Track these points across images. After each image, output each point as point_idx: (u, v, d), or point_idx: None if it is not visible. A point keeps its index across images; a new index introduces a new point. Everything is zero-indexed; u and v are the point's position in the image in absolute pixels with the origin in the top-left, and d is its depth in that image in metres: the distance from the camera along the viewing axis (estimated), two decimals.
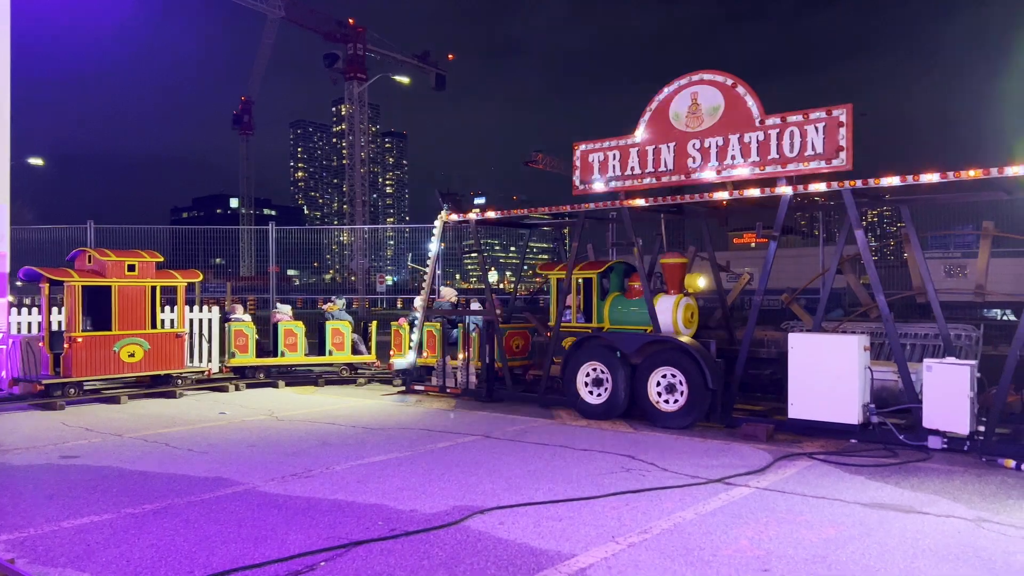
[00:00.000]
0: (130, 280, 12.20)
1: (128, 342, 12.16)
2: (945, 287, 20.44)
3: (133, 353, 12.22)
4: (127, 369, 12.24)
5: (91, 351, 11.83)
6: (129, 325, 12.19)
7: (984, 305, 15.31)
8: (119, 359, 12.12)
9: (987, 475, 7.29)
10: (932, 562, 4.95)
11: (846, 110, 8.99)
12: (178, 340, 12.84)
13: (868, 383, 8.89)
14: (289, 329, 14.38)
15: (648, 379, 10.08)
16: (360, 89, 52.89)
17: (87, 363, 11.82)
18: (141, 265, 12.36)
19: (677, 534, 5.52)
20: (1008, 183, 9.12)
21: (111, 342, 12.03)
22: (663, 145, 10.36)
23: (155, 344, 12.50)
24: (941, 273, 26.06)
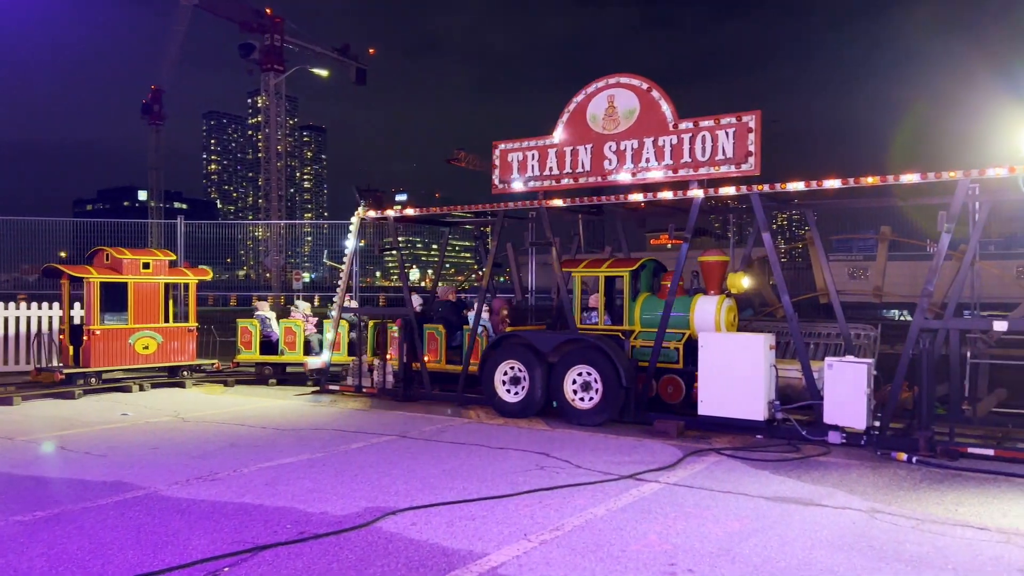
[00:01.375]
0: (145, 277, 13.06)
1: (143, 335, 13.04)
2: (848, 289, 21.39)
3: (147, 346, 13.13)
4: (142, 360, 13.14)
5: (108, 343, 12.74)
6: (144, 319, 13.05)
7: (882, 306, 16.09)
8: (134, 351, 13.02)
9: (881, 468, 7.66)
10: (828, 552, 5.17)
11: (755, 116, 9.29)
12: (190, 334, 13.67)
13: (773, 380, 9.22)
14: (289, 328, 13.94)
15: (564, 377, 10.18)
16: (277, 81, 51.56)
17: (104, 354, 12.69)
18: (155, 263, 13.25)
19: (588, 530, 5.59)
20: (903, 190, 9.61)
21: (127, 335, 12.91)
22: (581, 146, 10.49)
23: (168, 337, 13.38)
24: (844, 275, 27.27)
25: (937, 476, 7.32)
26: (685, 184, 9.89)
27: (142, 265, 13.02)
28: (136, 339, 12.98)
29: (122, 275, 12.87)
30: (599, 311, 10.96)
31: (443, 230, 14.94)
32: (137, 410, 10.99)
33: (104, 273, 12.78)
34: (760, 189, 9.39)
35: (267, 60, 54.09)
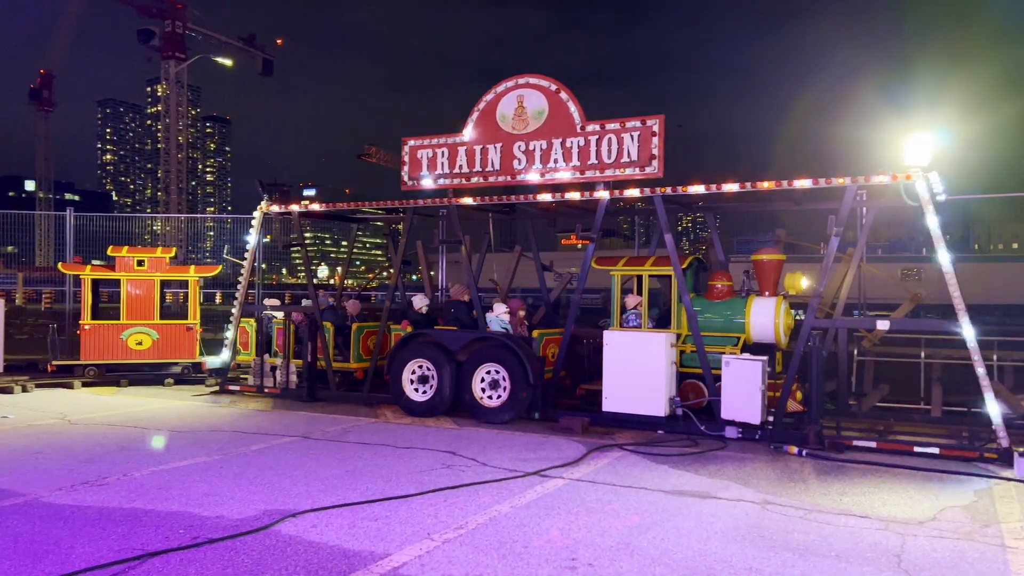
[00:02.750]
0: (138, 274, 13.24)
1: (136, 331, 13.11)
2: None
3: (141, 342, 13.16)
4: (135, 356, 13.18)
5: (97, 338, 13.02)
6: (137, 316, 13.15)
7: None
8: (127, 347, 13.13)
9: (774, 461, 7.99)
10: (722, 543, 5.35)
11: (659, 120, 9.54)
12: (189, 332, 13.46)
13: (674, 377, 9.48)
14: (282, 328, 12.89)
15: (473, 375, 10.18)
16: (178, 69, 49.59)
17: (95, 349, 13.01)
18: (151, 260, 13.37)
19: (492, 528, 5.61)
20: (797, 194, 10.06)
21: (118, 331, 13.09)
22: (490, 145, 10.51)
23: (164, 334, 13.32)
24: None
25: (825, 468, 7.69)
26: (592, 185, 10.05)
27: (136, 262, 13.30)
28: (129, 335, 13.12)
29: (115, 272, 13.29)
30: (643, 314, 10.11)
31: (352, 227, 14.70)
32: (19, 412, 10.35)
33: (97, 270, 13.36)
34: (663, 191, 9.64)
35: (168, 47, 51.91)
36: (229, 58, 47.82)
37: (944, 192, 9.12)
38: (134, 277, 13.28)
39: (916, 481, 7.17)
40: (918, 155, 8.42)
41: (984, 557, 5.11)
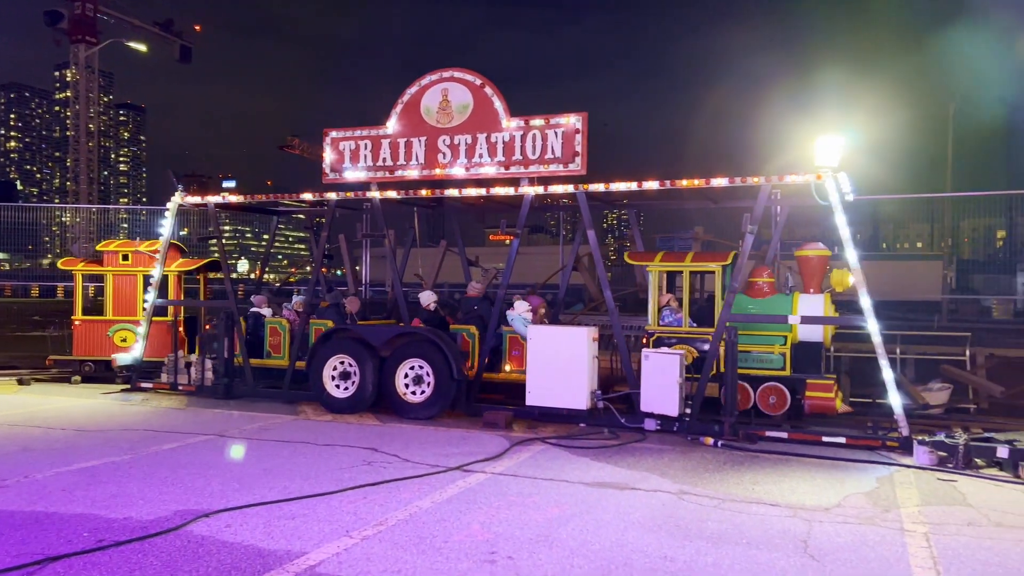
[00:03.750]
0: (123, 269, 12.88)
1: (121, 327, 12.75)
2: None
3: (125, 339, 12.73)
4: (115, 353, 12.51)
5: (88, 334, 12.86)
6: (122, 312, 12.80)
7: None
8: (112, 343, 12.76)
9: (691, 452, 8.20)
10: (639, 533, 5.46)
11: (582, 118, 9.64)
12: (169, 329, 12.81)
13: (596, 371, 9.61)
14: (274, 327, 11.83)
15: (396, 371, 10.09)
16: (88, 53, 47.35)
17: (85, 345, 12.87)
18: (135, 255, 12.86)
19: (412, 524, 5.57)
20: (715, 193, 10.33)
21: (106, 327, 12.78)
22: (415, 139, 10.42)
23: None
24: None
25: (739, 458, 7.93)
26: (517, 181, 10.08)
27: (121, 257, 12.95)
28: (114, 331, 12.83)
29: (102, 267, 13.07)
30: (683, 311, 9.78)
31: (273, 220, 14.36)
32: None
33: (89, 265, 13.21)
34: (585, 188, 9.75)
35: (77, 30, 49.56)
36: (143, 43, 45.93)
37: (853, 192, 9.51)
38: (119, 272, 12.95)
39: (824, 469, 7.47)
40: (828, 156, 8.74)
41: (884, 541, 5.36)
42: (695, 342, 9.59)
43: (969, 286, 29.26)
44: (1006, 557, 5.03)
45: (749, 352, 9.41)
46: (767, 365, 9.41)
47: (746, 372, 9.35)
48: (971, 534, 5.51)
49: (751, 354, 9.43)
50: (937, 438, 7.73)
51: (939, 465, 7.53)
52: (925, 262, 28.30)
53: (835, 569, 4.80)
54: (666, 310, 9.87)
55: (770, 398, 9.36)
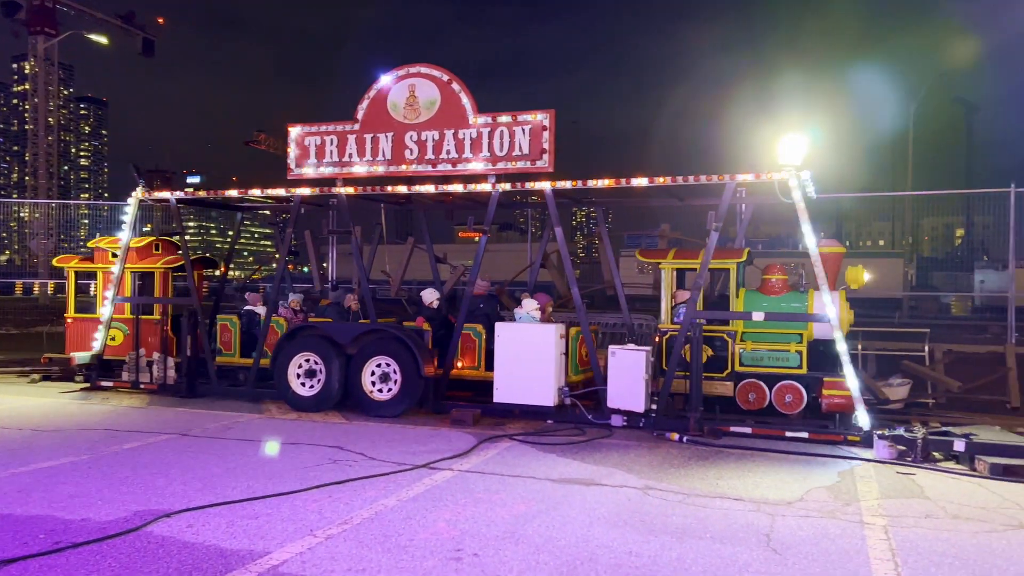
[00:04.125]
0: (113, 265, 12.17)
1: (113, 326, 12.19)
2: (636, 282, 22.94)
3: (114, 337, 12.26)
4: (108, 352, 12.16)
5: (79, 332, 12.38)
6: (115, 310, 12.12)
7: None
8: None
9: (656, 448, 8.26)
10: (605, 528, 5.48)
11: (549, 115, 9.64)
12: (155, 327, 12.35)
13: (563, 367, 9.63)
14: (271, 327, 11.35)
15: (363, 369, 10.02)
16: (48, 45, 46.27)
17: (78, 344, 12.37)
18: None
19: (377, 522, 5.53)
20: (678, 191, 10.40)
21: (96, 325, 12.14)
22: (381, 134, 10.34)
23: (135, 329, 12.28)
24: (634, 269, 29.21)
25: (704, 453, 8.00)
26: (484, 178, 10.05)
27: (111, 254, 12.45)
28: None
29: (93, 264, 12.70)
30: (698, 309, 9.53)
31: (237, 216, 14.18)
32: None
33: (82, 263, 12.86)
34: (553, 185, 9.76)
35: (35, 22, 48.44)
36: (105, 36, 45.01)
37: (815, 190, 9.65)
38: (108, 269, 12.33)
39: (787, 464, 7.57)
40: (791, 155, 8.87)
41: (844, 533, 5.44)
42: (710, 339, 9.43)
43: (929, 283, 29.91)
44: (962, 549, 5.14)
45: (765, 350, 9.37)
46: (783, 363, 9.30)
47: (761, 371, 9.31)
48: (928, 526, 5.62)
49: (767, 352, 9.37)
50: (896, 432, 7.88)
51: (898, 459, 7.67)
52: (887, 259, 28.81)
53: (796, 562, 4.86)
54: (681, 308, 9.75)
55: (786, 397, 9.21)
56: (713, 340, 9.50)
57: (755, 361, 9.36)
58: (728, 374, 9.43)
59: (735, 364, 9.43)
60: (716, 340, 9.50)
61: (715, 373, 9.46)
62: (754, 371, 9.32)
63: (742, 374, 9.42)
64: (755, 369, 9.33)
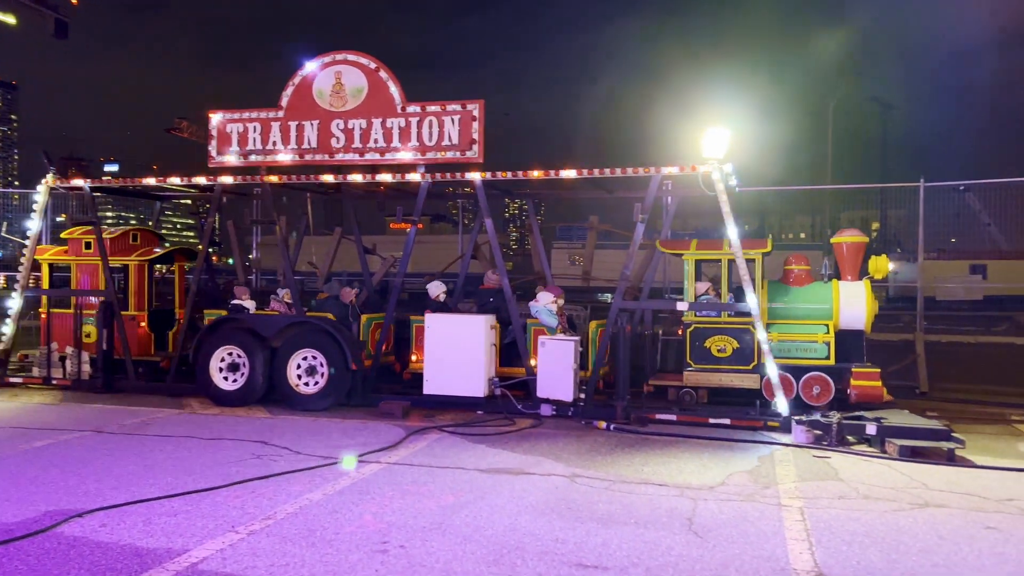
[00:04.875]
0: (87, 258, 11.49)
1: (85, 322, 11.32)
2: (568, 273, 23.13)
3: (89, 334, 11.36)
4: (84, 350, 11.32)
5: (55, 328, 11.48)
6: (91, 304, 11.34)
7: (592, 289, 17.51)
8: (79, 339, 11.26)
9: (584, 436, 8.35)
10: (532, 517, 5.52)
11: (479, 105, 9.60)
12: (132, 323, 11.36)
13: (494, 358, 9.65)
14: None
15: (288, 362, 9.82)
16: None
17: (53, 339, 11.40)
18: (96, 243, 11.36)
19: (302, 517, 5.44)
20: (607, 183, 10.52)
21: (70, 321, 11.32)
22: (307, 122, 10.13)
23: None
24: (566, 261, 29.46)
25: (630, 441, 8.14)
26: (413, 167, 9.95)
27: (84, 245, 11.53)
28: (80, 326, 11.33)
29: (67, 256, 11.74)
30: (722, 300, 9.60)
31: (156, 205, 13.69)
32: None
33: (56, 254, 11.95)
34: (483, 176, 9.74)
35: None
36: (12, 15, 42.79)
37: (738, 183, 9.90)
38: (82, 261, 11.53)
39: (710, 450, 7.76)
40: (715, 148, 9.05)
41: (763, 516, 5.61)
42: (735, 332, 9.38)
43: None
44: (871, 527, 5.36)
45: (792, 341, 9.29)
46: (811, 354, 9.23)
47: (789, 362, 9.23)
48: (841, 507, 5.85)
49: (794, 343, 9.28)
50: (813, 417, 8.16)
51: (815, 443, 7.95)
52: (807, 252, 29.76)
53: (717, 544, 4.99)
54: (704, 299, 9.66)
55: (814, 388, 9.14)
56: (739, 332, 9.36)
57: (783, 352, 9.20)
58: (754, 366, 9.29)
59: (761, 356, 9.15)
60: (742, 332, 9.33)
61: (741, 366, 9.35)
62: (780, 362, 9.07)
63: None
64: (781, 360, 9.10)
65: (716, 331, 9.45)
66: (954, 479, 6.66)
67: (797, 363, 9.25)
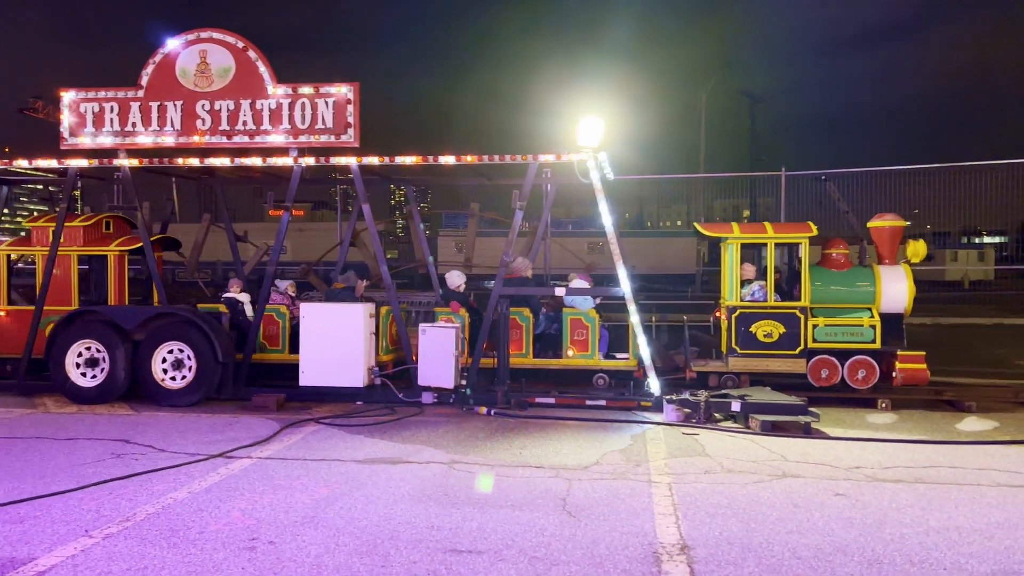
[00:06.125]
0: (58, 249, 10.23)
1: (51, 320, 9.86)
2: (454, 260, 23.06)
3: None
4: None
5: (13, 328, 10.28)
6: (55, 300, 10.14)
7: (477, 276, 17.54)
8: (44, 337, 9.84)
9: (465, 422, 8.36)
10: (409, 505, 5.47)
11: (354, 88, 9.36)
12: None
13: (373, 347, 9.49)
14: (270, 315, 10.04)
15: (153, 356, 9.31)
16: None
17: (9, 341, 10.28)
18: (68, 231, 10.29)
19: (164, 517, 5.17)
20: (487, 170, 10.53)
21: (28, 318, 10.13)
22: (170, 102, 9.58)
23: None
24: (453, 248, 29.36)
25: (510, 425, 8.21)
26: (286, 151, 9.62)
27: (51, 233, 10.26)
28: (46, 324, 9.98)
29: (31, 246, 10.59)
30: (768, 285, 9.45)
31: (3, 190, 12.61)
32: None
33: (16, 244, 11.00)
34: (360, 161, 9.54)
35: None
36: None
37: (612, 172, 10.12)
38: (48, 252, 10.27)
39: (586, 431, 7.94)
40: (589, 137, 9.20)
41: (634, 493, 5.79)
42: (783, 316, 9.38)
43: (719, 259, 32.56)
44: (734, 499, 5.64)
45: (839, 326, 9.32)
46: (857, 338, 9.27)
47: (835, 346, 9.29)
48: (707, 481, 6.12)
49: (840, 328, 9.32)
50: (683, 397, 8.49)
51: (685, 421, 8.29)
52: (682, 239, 30.93)
53: (589, 523, 5.10)
54: (755, 285, 9.57)
55: (859, 372, 9.23)
56: (787, 318, 9.39)
57: (830, 337, 9.28)
58: (801, 351, 9.33)
59: (808, 341, 9.31)
60: (789, 317, 9.36)
61: (787, 351, 9.36)
62: (827, 347, 9.22)
63: (815, 350, 9.33)
64: (828, 345, 9.23)
65: (763, 316, 9.42)
66: (809, 450, 7.09)
67: (844, 347, 9.31)
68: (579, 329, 9.67)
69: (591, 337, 9.64)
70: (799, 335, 9.34)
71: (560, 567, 4.38)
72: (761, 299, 9.48)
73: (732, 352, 9.48)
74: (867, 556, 4.54)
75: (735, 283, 9.57)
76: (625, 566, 4.40)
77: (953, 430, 8.01)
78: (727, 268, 9.65)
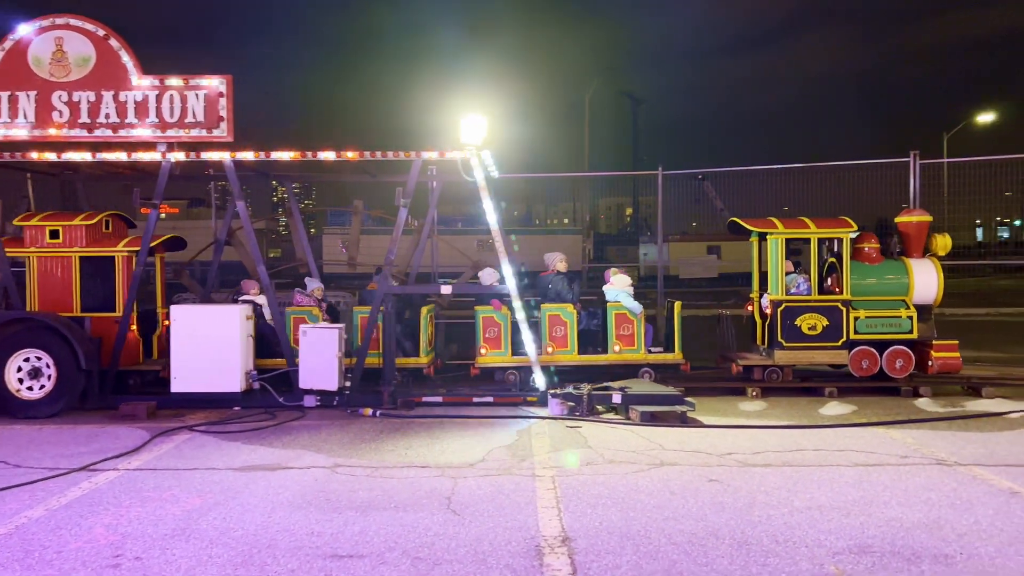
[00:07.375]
0: (51, 250, 9.61)
1: None
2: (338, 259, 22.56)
3: None
4: None
5: None
6: (51, 305, 9.47)
7: (361, 276, 17.24)
8: None
9: (349, 425, 8.19)
10: (287, 512, 5.30)
11: (226, 80, 8.98)
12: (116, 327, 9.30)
13: (251, 350, 9.16)
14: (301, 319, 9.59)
15: (6, 364, 8.64)
16: None
17: None
18: (68, 231, 9.59)
19: (17, 538, 4.80)
20: (371, 167, 10.37)
21: None
22: (22, 93, 8.90)
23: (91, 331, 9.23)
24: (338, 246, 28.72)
25: (396, 426, 8.11)
26: (153, 146, 9.12)
27: (48, 234, 9.56)
28: None
29: (24, 248, 9.62)
30: (812, 279, 9.67)
31: None
32: None
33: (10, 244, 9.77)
34: (233, 156, 9.17)
35: None
36: None
37: (496, 169, 10.17)
38: (46, 254, 9.57)
39: (472, 428, 7.95)
40: (473, 135, 9.20)
41: (518, 487, 5.84)
42: (826, 310, 9.58)
43: (603, 256, 33.41)
44: (614, 489, 5.78)
45: (878, 318, 9.61)
46: (896, 329, 9.59)
47: (874, 337, 9.58)
48: (589, 472, 6.24)
49: (880, 319, 9.62)
50: (566, 390, 8.64)
51: (569, 414, 8.43)
52: (568, 236, 31.57)
53: (473, 520, 5.10)
54: (800, 279, 9.74)
55: (897, 362, 9.56)
56: (830, 310, 9.62)
57: (870, 328, 9.59)
58: (843, 343, 9.60)
59: (850, 332, 9.61)
60: (832, 310, 9.61)
61: (830, 343, 9.60)
62: (867, 338, 9.59)
63: (856, 342, 9.63)
64: (868, 336, 9.59)
65: (807, 309, 9.63)
66: (686, 439, 7.36)
67: (883, 338, 9.65)
68: (624, 324, 9.84)
69: (636, 331, 9.85)
70: (841, 327, 9.67)
71: (443, 566, 4.36)
72: (805, 292, 9.78)
73: (778, 345, 9.69)
74: (737, 538, 4.75)
75: (780, 277, 9.73)
76: (508, 561, 4.42)
77: (817, 415, 8.52)
78: (772, 263, 9.82)
